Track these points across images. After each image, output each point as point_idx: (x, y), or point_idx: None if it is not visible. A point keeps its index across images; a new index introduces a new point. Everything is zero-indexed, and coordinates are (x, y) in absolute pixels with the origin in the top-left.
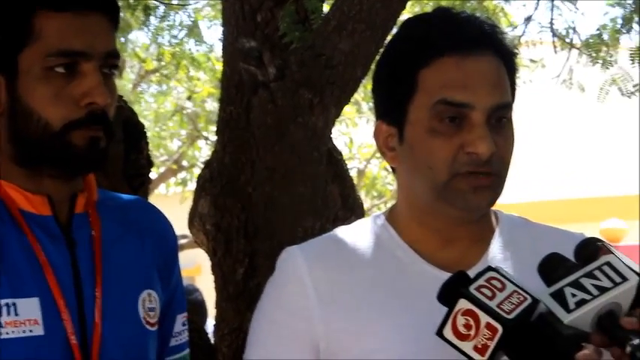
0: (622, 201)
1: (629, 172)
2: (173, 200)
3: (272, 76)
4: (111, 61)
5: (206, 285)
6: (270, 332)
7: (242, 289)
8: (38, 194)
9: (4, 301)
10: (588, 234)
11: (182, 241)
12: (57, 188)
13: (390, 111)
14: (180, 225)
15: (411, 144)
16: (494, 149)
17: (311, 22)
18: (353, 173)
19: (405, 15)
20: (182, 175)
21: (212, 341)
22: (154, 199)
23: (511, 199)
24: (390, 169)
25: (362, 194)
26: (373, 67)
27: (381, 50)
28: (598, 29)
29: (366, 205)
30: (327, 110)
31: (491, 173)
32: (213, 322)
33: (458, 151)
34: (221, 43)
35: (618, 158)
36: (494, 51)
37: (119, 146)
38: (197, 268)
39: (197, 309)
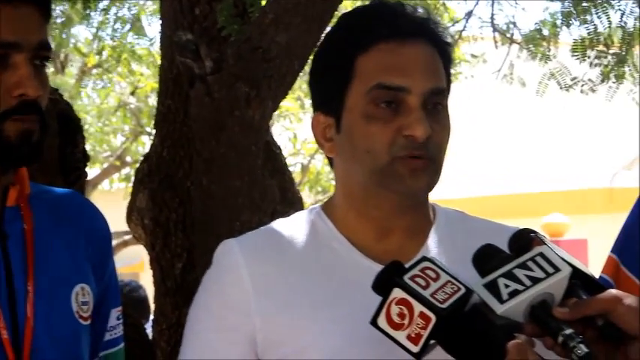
0: (564, 196)
1: (571, 167)
2: (117, 196)
3: (209, 69)
4: (42, 53)
5: (149, 280)
6: (208, 325)
7: (180, 283)
8: None
9: None
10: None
11: (126, 237)
12: None
13: (328, 101)
14: (124, 221)
15: (349, 131)
16: (430, 132)
17: (249, 15)
18: (297, 169)
19: (344, 9)
20: (126, 170)
21: (150, 337)
22: (97, 195)
23: (454, 195)
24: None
25: (306, 189)
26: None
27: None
28: (537, 24)
29: (310, 200)
30: (264, 104)
31: (428, 157)
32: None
33: (396, 135)
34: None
35: (560, 153)
36: (429, 40)
37: (54, 140)
38: (141, 264)
39: (140, 306)
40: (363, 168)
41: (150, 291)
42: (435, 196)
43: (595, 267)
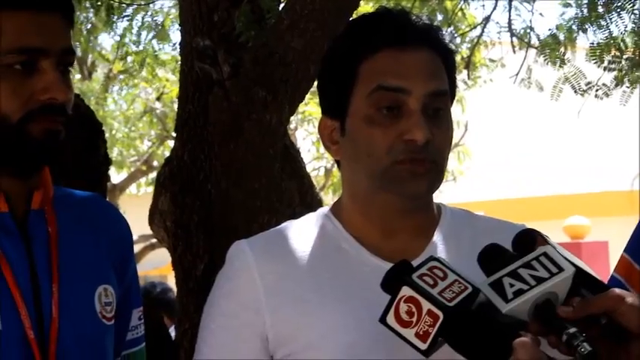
0: (585, 198)
1: (592, 169)
2: (144, 200)
3: (226, 74)
4: (67, 59)
5: None
6: (220, 323)
7: (202, 284)
8: None
9: None
10: (551, 231)
11: (153, 240)
12: (13, 185)
13: (333, 105)
14: None
15: (352, 135)
16: (430, 137)
17: (266, 21)
18: (320, 172)
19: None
20: (152, 175)
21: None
22: (125, 199)
23: (473, 198)
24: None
25: (329, 193)
26: None
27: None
28: (550, 29)
29: None
30: (281, 108)
31: (428, 160)
32: None
33: (395, 140)
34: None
35: (581, 156)
36: (432, 47)
37: (76, 143)
38: (168, 266)
39: (171, 307)
40: (365, 171)
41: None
42: (454, 199)
43: None
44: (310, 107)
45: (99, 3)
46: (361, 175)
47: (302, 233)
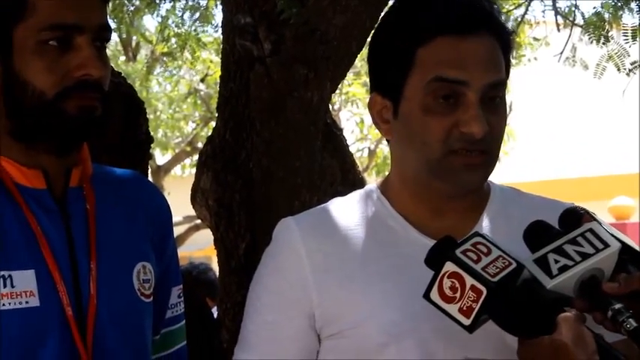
0: (631, 179)
1: (638, 150)
2: (188, 181)
3: (267, 51)
4: (103, 35)
5: None
6: (267, 301)
7: (244, 263)
8: (34, 168)
9: (0, 273)
10: (596, 212)
11: (198, 221)
12: (52, 163)
13: (386, 85)
14: None
15: (406, 119)
16: (487, 129)
17: None
18: (364, 154)
19: None
20: (197, 156)
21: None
22: (169, 181)
23: (519, 179)
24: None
25: (373, 174)
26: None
27: (377, 23)
28: (595, 8)
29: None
30: (322, 85)
31: (484, 151)
32: None
33: (452, 129)
34: None
35: (626, 136)
36: (490, 31)
37: (118, 121)
38: (213, 248)
39: (211, 287)
40: (418, 157)
41: None
42: (498, 181)
43: None
44: (354, 88)
45: None
46: (413, 160)
47: (349, 211)
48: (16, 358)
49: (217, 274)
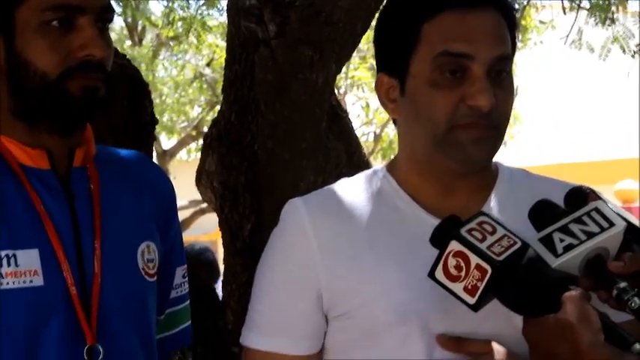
0: (636, 163)
1: None
2: (194, 166)
3: (272, 33)
4: (105, 15)
5: None
6: (275, 282)
7: (249, 244)
8: (37, 148)
9: (4, 253)
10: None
11: (203, 205)
12: (56, 143)
13: (392, 63)
14: None
15: (412, 96)
16: (494, 102)
17: None
18: (370, 138)
19: None
20: (202, 140)
21: (221, 297)
22: (175, 165)
23: (524, 162)
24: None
25: (378, 158)
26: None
27: (383, 4)
28: None
29: None
30: (327, 67)
31: (491, 126)
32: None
33: (458, 103)
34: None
35: (632, 119)
36: (496, 6)
37: (122, 103)
38: (218, 232)
39: (208, 268)
40: (425, 134)
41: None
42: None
43: None
44: (360, 72)
45: None
46: (421, 137)
47: (356, 191)
48: (20, 338)
49: (216, 255)
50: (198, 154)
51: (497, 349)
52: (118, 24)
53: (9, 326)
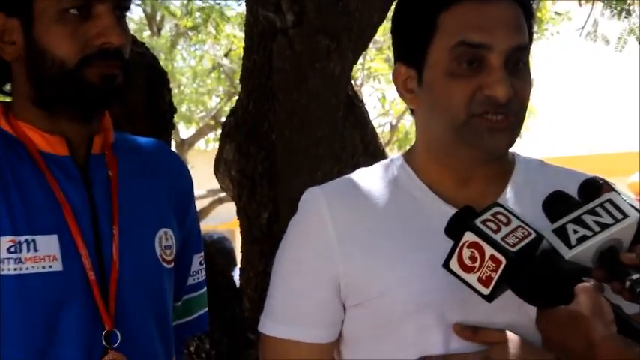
0: None
1: None
2: (212, 155)
3: (290, 22)
4: (123, 4)
5: None
6: (293, 270)
7: (267, 232)
8: (56, 135)
9: (23, 238)
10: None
11: (221, 195)
12: (74, 130)
13: (410, 53)
14: None
15: (430, 86)
16: (511, 92)
17: None
18: (386, 129)
19: None
20: (220, 130)
21: (238, 285)
22: (193, 154)
23: (538, 154)
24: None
25: (395, 149)
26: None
27: None
28: None
29: None
30: (344, 56)
31: (509, 115)
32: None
33: (475, 93)
34: None
35: None
36: None
37: (141, 91)
38: (236, 221)
39: (225, 256)
40: (442, 124)
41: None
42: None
43: None
44: (376, 63)
45: None
46: (439, 127)
47: (374, 181)
48: (39, 322)
49: (234, 245)
50: (216, 144)
51: (512, 338)
52: (137, 14)
53: (28, 311)
